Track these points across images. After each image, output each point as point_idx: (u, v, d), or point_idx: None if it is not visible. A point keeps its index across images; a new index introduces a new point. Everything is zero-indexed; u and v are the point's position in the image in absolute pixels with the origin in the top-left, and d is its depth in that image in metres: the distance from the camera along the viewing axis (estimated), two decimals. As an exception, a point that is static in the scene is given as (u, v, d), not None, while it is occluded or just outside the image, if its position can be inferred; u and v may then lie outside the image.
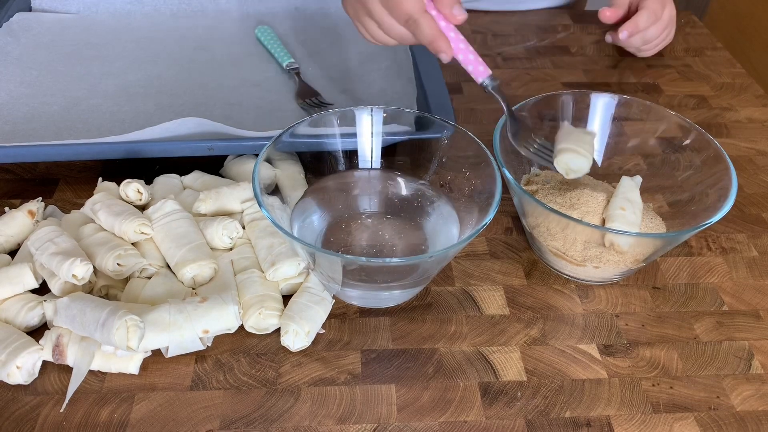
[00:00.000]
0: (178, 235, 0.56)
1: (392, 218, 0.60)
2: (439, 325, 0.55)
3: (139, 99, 0.76)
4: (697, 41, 0.98)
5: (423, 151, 0.61)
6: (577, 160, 0.57)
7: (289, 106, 0.76)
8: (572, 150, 0.58)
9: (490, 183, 0.54)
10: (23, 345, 0.49)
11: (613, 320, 0.56)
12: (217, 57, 0.85)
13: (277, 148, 0.56)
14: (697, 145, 0.61)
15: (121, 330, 0.47)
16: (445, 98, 0.71)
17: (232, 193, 0.60)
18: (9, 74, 0.79)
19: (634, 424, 0.49)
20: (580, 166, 0.58)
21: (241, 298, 0.53)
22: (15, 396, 0.49)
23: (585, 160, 0.58)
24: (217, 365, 0.52)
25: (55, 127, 0.71)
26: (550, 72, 0.89)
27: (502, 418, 0.49)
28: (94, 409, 0.48)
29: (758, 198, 0.70)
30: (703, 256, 0.63)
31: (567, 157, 0.58)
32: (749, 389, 0.52)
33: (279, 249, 0.55)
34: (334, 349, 0.53)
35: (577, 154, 0.57)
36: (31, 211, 0.59)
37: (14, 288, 0.53)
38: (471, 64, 0.59)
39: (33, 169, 0.69)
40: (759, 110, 0.83)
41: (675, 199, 0.61)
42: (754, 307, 0.58)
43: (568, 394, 0.51)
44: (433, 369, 0.52)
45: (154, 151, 0.63)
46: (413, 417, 0.49)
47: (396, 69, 0.81)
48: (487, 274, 0.60)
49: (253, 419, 0.48)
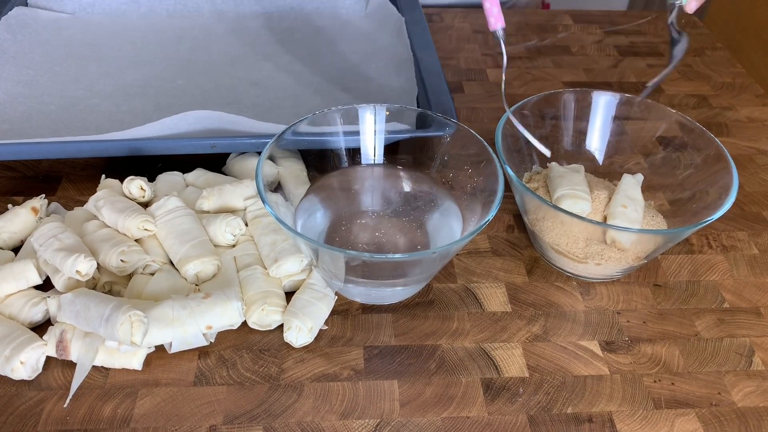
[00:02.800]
0: (181, 232, 0.56)
1: (394, 215, 0.60)
2: (442, 322, 0.55)
3: (137, 99, 0.76)
4: (697, 41, 0.98)
5: (425, 149, 0.61)
6: (578, 204, 0.58)
7: (288, 103, 0.77)
8: (571, 196, 0.58)
9: (492, 180, 0.54)
10: (27, 341, 0.49)
11: (614, 317, 0.57)
12: (215, 57, 0.85)
13: (279, 146, 0.57)
14: (698, 144, 0.61)
15: (125, 325, 0.48)
16: (446, 97, 0.71)
17: (235, 191, 0.61)
18: (5, 73, 0.79)
19: (635, 419, 0.49)
20: (582, 208, 0.58)
21: (244, 295, 0.54)
22: (19, 391, 0.49)
23: (586, 202, 0.58)
24: (220, 361, 0.52)
25: (54, 126, 0.71)
26: (550, 71, 0.90)
27: (504, 413, 0.49)
28: (97, 404, 0.49)
29: (758, 196, 0.70)
30: (704, 254, 0.63)
31: (567, 203, 0.58)
32: (750, 385, 0.52)
33: (282, 246, 0.56)
34: (336, 345, 0.53)
35: (578, 199, 0.58)
36: (35, 208, 0.59)
37: (18, 284, 0.53)
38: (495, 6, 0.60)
39: (36, 166, 0.69)
40: (759, 110, 0.84)
41: (676, 197, 0.62)
42: (754, 305, 0.58)
43: (570, 390, 0.51)
44: (435, 365, 0.52)
45: (156, 149, 0.63)
46: (416, 412, 0.49)
47: (396, 67, 0.82)
48: (489, 271, 0.60)
49: (257, 415, 0.48)
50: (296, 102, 0.77)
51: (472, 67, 0.90)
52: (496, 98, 0.84)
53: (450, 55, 0.92)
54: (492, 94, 0.84)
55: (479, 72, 0.89)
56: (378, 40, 0.88)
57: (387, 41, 0.87)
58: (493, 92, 0.85)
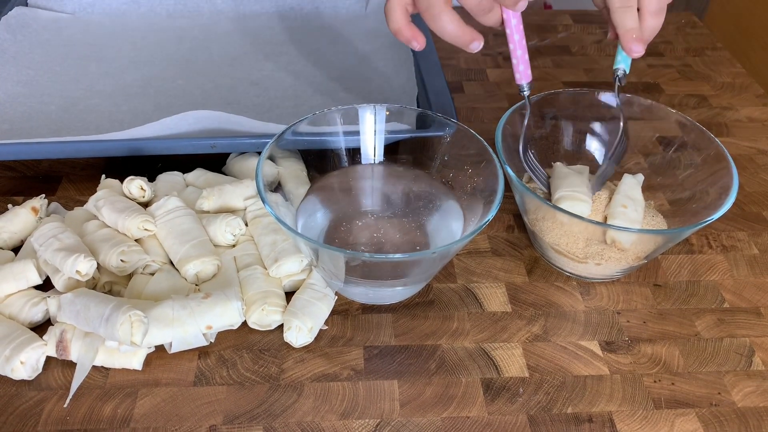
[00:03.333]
0: (181, 232, 0.56)
1: (394, 215, 0.60)
2: (442, 322, 0.55)
3: (137, 99, 0.76)
4: (697, 41, 0.98)
5: (425, 149, 0.61)
6: (577, 206, 0.58)
7: (288, 103, 0.77)
8: (570, 197, 0.58)
9: (493, 180, 0.54)
10: (27, 341, 0.49)
11: (614, 317, 0.57)
12: (215, 57, 0.85)
13: (279, 146, 0.57)
14: (698, 144, 0.61)
15: (125, 325, 0.48)
16: (447, 97, 0.71)
17: (235, 191, 0.61)
18: (5, 73, 0.79)
19: (635, 419, 0.49)
20: (582, 210, 0.58)
21: (244, 295, 0.54)
22: (19, 391, 0.49)
23: (585, 204, 0.58)
24: (220, 361, 0.52)
25: (54, 126, 0.71)
26: (550, 71, 0.90)
27: (504, 413, 0.49)
28: (97, 404, 0.49)
29: (759, 196, 0.70)
30: (704, 254, 0.63)
31: (566, 205, 0.58)
32: (750, 385, 0.52)
33: (282, 246, 0.56)
34: (336, 345, 0.53)
35: (577, 201, 0.58)
36: (35, 208, 0.59)
37: (18, 284, 0.53)
38: (521, 64, 0.58)
39: (36, 166, 0.69)
40: (759, 109, 0.84)
41: (676, 197, 0.62)
42: (754, 305, 0.58)
43: (570, 390, 0.51)
44: (435, 365, 0.52)
45: (156, 149, 0.63)
46: (416, 412, 0.49)
47: (396, 68, 0.82)
48: (489, 271, 0.60)
49: (257, 415, 0.48)
50: (296, 102, 0.77)
51: (472, 67, 0.90)
52: (496, 98, 0.84)
53: (450, 55, 0.92)
54: (492, 94, 0.84)
55: (479, 72, 0.89)
56: (378, 40, 0.88)
57: (387, 41, 0.87)
58: (493, 92, 0.85)
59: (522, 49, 0.58)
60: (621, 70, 0.59)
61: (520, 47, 0.57)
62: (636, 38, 0.54)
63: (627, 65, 0.59)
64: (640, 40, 0.54)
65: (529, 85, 0.59)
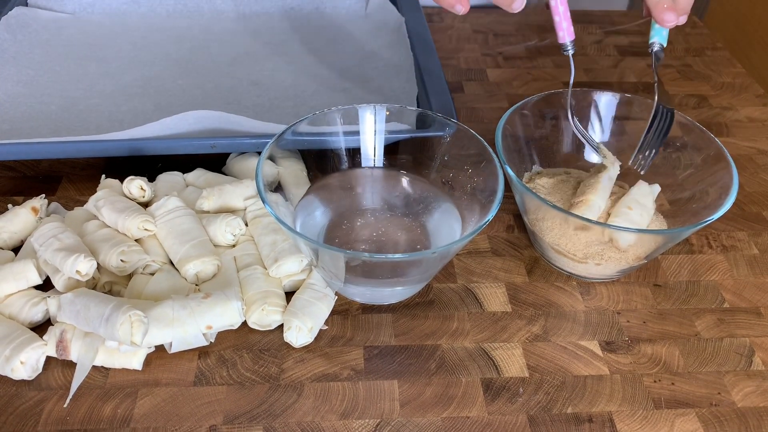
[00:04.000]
0: (181, 232, 0.56)
1: (394, 215, 0.60)
2: (442, 322, 0.55)
3: (137, 99, 0.76)
4: (697, 41, 0.98)
5: (425, 149, 0.61)
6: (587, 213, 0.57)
7: (288, 103, 0.77)
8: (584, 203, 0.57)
9: (493, 180, 0.54)
10: (27, 341, 0.49)
11: (614, 317, 0.57)
12: (214, 57, 0.85)
13: (279, 146, 0.57)
14: (698, 144, 0.61)
15: (125, 325, 0.48)
16: (447, 97, 0.71)
17: (235, 191, 0.61)
18: (5, 73, 0.79)
19: (635, 419, 0.49)
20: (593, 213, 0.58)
21: (244, 295, 0.54)
22: (19, 391, 0.49)
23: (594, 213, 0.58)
24: (220, 361, 0.52)
25: (54, 126, 0.71)
26: (551, 71, 0.90)
27: (504, 413, 0.49)
28: (97, 404, 0.49)
29: (758, 196, 0.70)
30: (704, 254, 0.63)
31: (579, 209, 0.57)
32: (750, 385, 0.52)
33: (282, 246, 0.56)
34: (336, 345, 0.53)
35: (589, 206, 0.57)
36: (35, 208, 0.59)
37: (18, 284, 0.53)
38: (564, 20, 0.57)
39: (36, 166, 0.69)
40: (759, 109, 0.84)
41: (676, 197, 0.62)
42: (754, 305, 0.58)
43: (570, 390, 0.51)
44: (435, 365, 0.52)
45: (156, 149, 0.63)
46: (416, 412, 0.49)
47: (396, 67, 0.82)
48: (489, 271, 0.60)
49: (257, 415, 0.48)
50: (296, 102, 0.77)
51: (472, 67, 0.90)
52: (496, 98, 0.84)
53: (450, 55, 0.92)
54: (492, 94, 0.84)
55: (479, 72, 0.89)
56: (378, 40, 0.88)
57: (387, 41, 0.87)
58: (493, 92, 0.85)
59: (564, 5, 0.57)
60: (657, 44, 0.58)
61: (562, 3, 0.56)
62: (668, 8, 0.54)
63: (662, 39, 0.58)
64: (672, 9, 0.54)
65: (573, 44, 0.58)
